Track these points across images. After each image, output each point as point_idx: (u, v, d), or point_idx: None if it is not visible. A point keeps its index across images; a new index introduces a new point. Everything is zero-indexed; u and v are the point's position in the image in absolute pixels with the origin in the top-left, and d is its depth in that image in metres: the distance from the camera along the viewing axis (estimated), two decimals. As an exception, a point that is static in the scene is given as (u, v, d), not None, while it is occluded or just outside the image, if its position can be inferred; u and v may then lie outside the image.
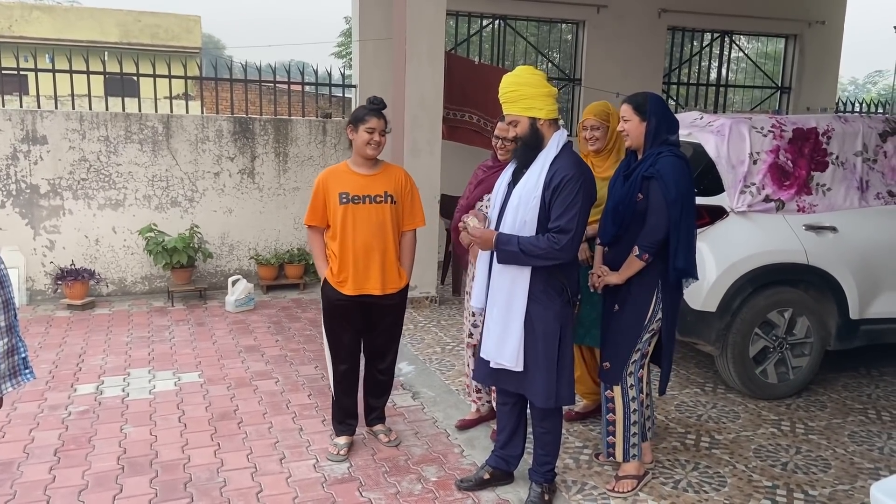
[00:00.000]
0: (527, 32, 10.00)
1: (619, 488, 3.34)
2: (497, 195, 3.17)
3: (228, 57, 21.39)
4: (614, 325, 3.29)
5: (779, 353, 4.48)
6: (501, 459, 3.38)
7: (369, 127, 3.42)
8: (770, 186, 4.40)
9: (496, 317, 3.06)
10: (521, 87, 3.01)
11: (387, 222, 3.51)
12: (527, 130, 3.01)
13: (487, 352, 3.12)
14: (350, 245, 3.48)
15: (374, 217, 3.48)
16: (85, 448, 3.73)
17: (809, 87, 10.29)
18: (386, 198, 3.50)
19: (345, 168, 3.56)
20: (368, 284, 3.52)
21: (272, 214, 7.22)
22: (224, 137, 6.97)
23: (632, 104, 3.26)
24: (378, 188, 3.50)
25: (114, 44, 22.18)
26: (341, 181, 3.50)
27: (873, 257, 4.56)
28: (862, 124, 4.69)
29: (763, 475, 3.56)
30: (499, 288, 3.05)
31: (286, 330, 5.83)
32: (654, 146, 3.20)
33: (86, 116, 6.52)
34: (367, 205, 3.47)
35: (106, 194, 6.65)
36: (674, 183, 3.09)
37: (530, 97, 2.99)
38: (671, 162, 3.12)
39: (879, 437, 4.05)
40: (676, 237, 3.13)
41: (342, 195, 3.47)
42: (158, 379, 4.70)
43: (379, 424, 3.89)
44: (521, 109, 3.00)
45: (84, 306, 6.29)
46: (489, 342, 3.11)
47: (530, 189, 2.97)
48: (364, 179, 3.50)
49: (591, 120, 3.76)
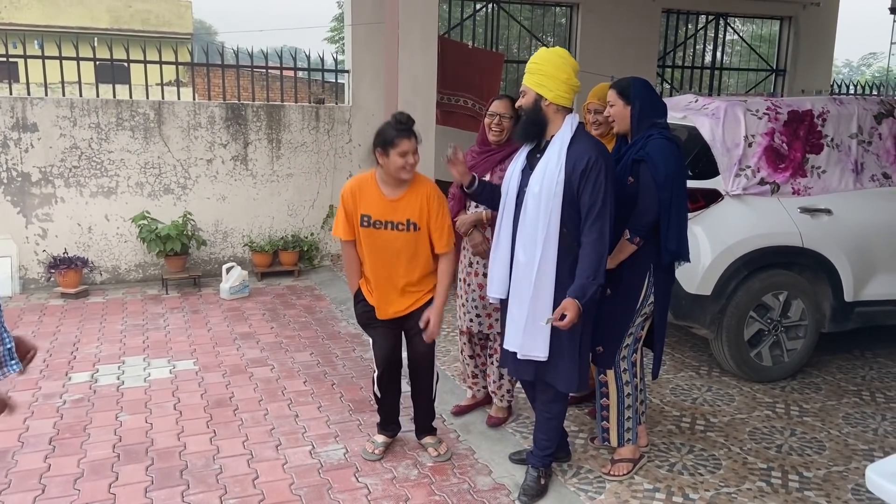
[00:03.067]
0: (521, 16, 9.93)
1: (615, 472, 3.35)
2: (511, 182, 3.11)
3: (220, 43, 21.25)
4: (607, 310, 3.29)
5: (773, 335, 4.49)
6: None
7: (402, 151, 3.13)
8: (765, 169, 4.39)
9: (522, 309, 3.00)
10: (544, 64, 2.99)
11: (408, 248, 3.30)
12: (530, 104, 3.00)
13: (514, 343, 3.05)
14: (370, 267, 3.35)
15: (393, 244, 3.29)
16: (80, 436, 3.72)
17: (804, 69, 10.27)
18: (408, 226, 3.27)
19: (372, 183, 3.30)
20: (391, 308, 3.37)
21: (266, 201, 7.18)
22: (216, 124, 6.92)
23: (616, 89, 3.29)
24: (401, 215, 3.26)
25: (104, 30, 22.00)
26: (366, 201, 3.29)
27: (868, 240, 4.56)
28: (857, 106, 4.68)
29: (758, 457, 3.58)
30: (524, 279, 2.99)
31: (281, 317, 5.82)
32: (641, 130, 3.20)
33: (76, 103, 6.46)
34: (387, 230, 3.28)
35: (98, 182, 6.61)
36: (663, 165, 3.09)
37: (546, 75, 2.97)
38: (660, 144, 3.12)
39: (874, 419, 4.07)
40: (667, 219, 3.13)
41: (364, 217, 3.29)
42: (153, 367, 4.68)
43: (428, 437, 3.64)
44: (532, 83, 3.00)
45: (78, 294, 6.26)
46: (515, 334, 3.04)
47: (552, 175, 2.91)
48: (388, 204, 3.27)
49: (595, 103, 3.74)
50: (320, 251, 7.48)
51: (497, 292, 3.16)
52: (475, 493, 3.23)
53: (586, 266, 2.87)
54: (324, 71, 7.72)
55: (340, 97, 8.05)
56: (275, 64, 7.35)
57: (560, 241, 2.92)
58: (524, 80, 3.05)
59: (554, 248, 2.92)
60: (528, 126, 3.04)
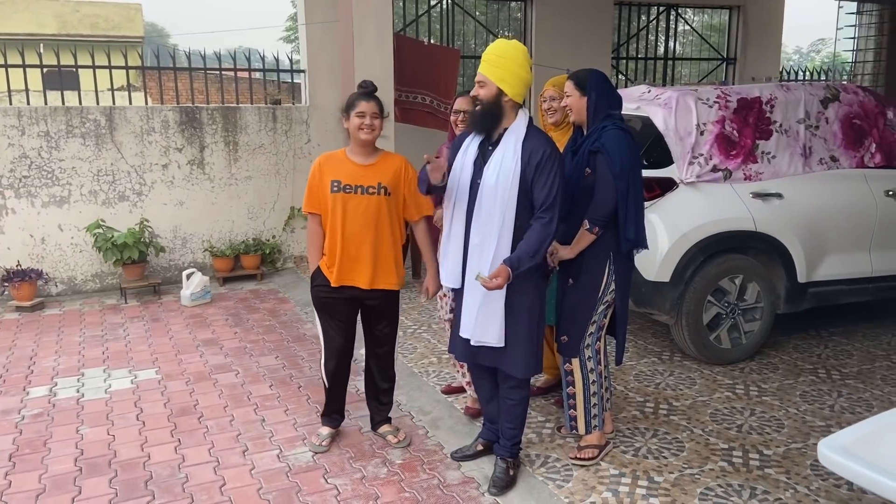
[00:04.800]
0: (476, 11, 9.96)
1: (582, 456, 3.41)
2: (462, 173, 3.11)
3: (173, 45, 20.85)
4: (570, 300, 3.34)
5: (731, 318, 4.59)
6: (492, 432, 3.44)
7: (360, 111, 3.30)
8: (717, 156, 4.48)
9: (477, 297, 3.03)
10: (507, 59, 2.98)
11: (379, 215, 3.36)
12: (491, 97, 2.99)
13: (467, 331, 3.10)
14: (338, 235, 3.35)
15: (365, 208, 3.33)
16: (41, 451, 3.64)
17: (754, 57, 10.48)
18: (379, 189, 3.34)
19: (342, 155, 3.43)
20: (354, 276, 3.39)
21: (225, 205, 7.09)
22: (170, 128, 6.80)
23: (573, 80, 3.34)
24: (372, 179, 3.34)
25: (52, 36, 21.41)
26: (335, 168, 3.38)
27: (818, 222, 4.69)
28: (803, 92, 4.80)
29: (719, 438, 3.66)
30: (479, 267, 3.01)
31: (245, 322, 5.76)
32: (597, 121, 3.25)
33: (24, 112, 6.30)
34: (358, 195, 3.33)
35: (50, 191, 6.45)
36: (618, 156, 3.15)
37: (507, 70, 2.97)
38: (615, 135, 3.18)
39: (830, 396, 4.19)
40: (625, 209, 3.19)
41: (334, 183, 3.34)
42: (114, 378, 4.60)
43: (385, 425, 3.74)
44: (495, 77, 2.98)
45: (33, 307, 6.11)
46: (469, 321, 3.09)
47: (508, 167, 2.95)
48: (359, 169, 3.36)
49: (552, 91, 3.77)
50: (283, 253, 7.42)
51: (451, 282, 3.19)
52: (445, 487, 3.25)
53: (530, 242, 2.94)
54: (279, 71, 7.64)
55: (297, 97, 7.99)
56: (229, 65, 7.25)
57: (514, 231, 2.99)
58: (483, 69, 3.02)
59: (509, 236, 2.98)
60: (486, 118, 3.04)
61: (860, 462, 2.20)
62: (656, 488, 3.19)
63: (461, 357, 3.34)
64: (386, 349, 3.65)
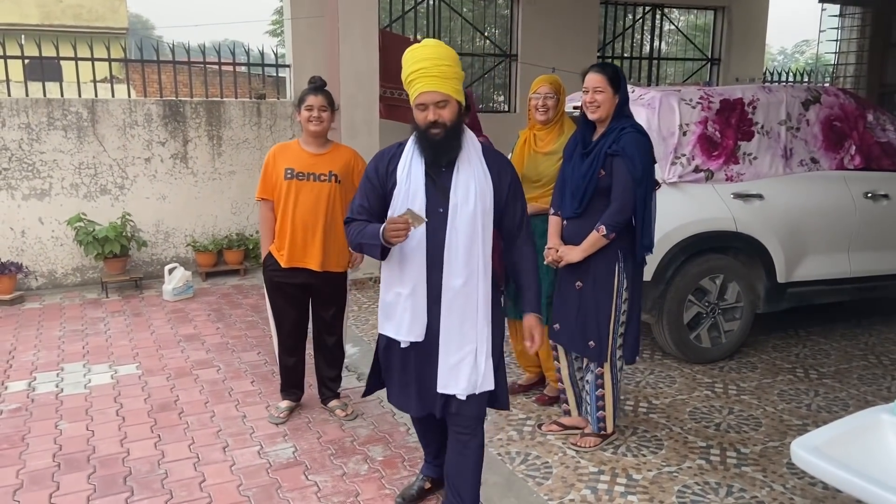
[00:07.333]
0: (463, 8, 9.94)
1: (584, 444, 3.49)
2: (413, 205, 2.52)
3: (158, 37, 20.66)
4: (586, 304, 3.33)
5: (711, 318, 4.63)
6: (437, 468, 3.10)
7: (308, 105, 3.55)
8: (699, 157, 4.51)
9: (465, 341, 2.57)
10: (452, 65, 2.48)
11: (330, 201, 3.59)
12: (455, 117, 2.50)
13: (452, 385, 2.59)
14: (289, 220, 3.59)
15: (318, 195, 3.58)
16: (19, 447, 3.61)
17: (738, 58, 10.56)
18: (330, 177, 3.59)
19: (295, 145, 3.68)
20: (306, 259, 3.62)
21: (208, 199, 7.05)
22: (154, 122, 6.75)
23: (605, 75, 3.16)
24: (323, 167, 3.60)
25: (34, 26, 21.14)
26: (289, 157, 3.63)
27: (798, 223, 4.74)
28: (785, 94, 4.84)
29: (698, 436, 3.70)
30: (464, 307, 2.55)
31: (227, 317, 5.74)
32: (616, 121, 3.20)
33: (4, 103, 6.22)
34: (310, 182, 3.58)
35: (30, 184, 6.38)
36: (640, 161, 3.12)
37: (458, 79, 2.50)
38: (636, 139, 3.14)
39: (807, 395, 4.24)
40: (643, 215, 3.19)
41: (287, 170, 3.58)
42: (94, 373, 4.57)
43: (334, 400, 3.99)
44: (453, 91, 2.47)
45: (13, 301, 6.05)
46: (453, 374, 2.58)
47: (484, 190, 2.53)
48: (311, 157, 3.61)
49: (546, 87, 3.72)
50: (266, 249, 7.38)
51: (414, 335, 2.59)
52: (425, 484, 3.26)
53: (532, 279, 2.68)
54: (264, 65, 7.59)
55: (282, 92, 7.95)
56: (214, 58, 7.21)
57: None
58: (438, 86, 2.43)
59: (490, 266, 2.59)
60: (453, 143, 2.52)
61: (832, 462, 2.23)
62: (634, 486, 3.22)
63: (419, 412, 2.82)
64: (335, 339, 3.88)
